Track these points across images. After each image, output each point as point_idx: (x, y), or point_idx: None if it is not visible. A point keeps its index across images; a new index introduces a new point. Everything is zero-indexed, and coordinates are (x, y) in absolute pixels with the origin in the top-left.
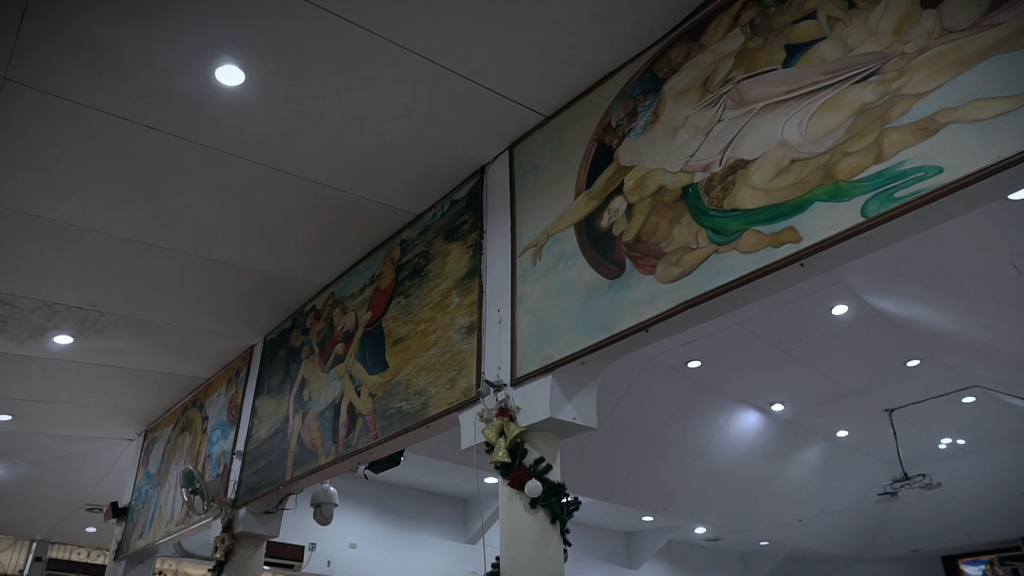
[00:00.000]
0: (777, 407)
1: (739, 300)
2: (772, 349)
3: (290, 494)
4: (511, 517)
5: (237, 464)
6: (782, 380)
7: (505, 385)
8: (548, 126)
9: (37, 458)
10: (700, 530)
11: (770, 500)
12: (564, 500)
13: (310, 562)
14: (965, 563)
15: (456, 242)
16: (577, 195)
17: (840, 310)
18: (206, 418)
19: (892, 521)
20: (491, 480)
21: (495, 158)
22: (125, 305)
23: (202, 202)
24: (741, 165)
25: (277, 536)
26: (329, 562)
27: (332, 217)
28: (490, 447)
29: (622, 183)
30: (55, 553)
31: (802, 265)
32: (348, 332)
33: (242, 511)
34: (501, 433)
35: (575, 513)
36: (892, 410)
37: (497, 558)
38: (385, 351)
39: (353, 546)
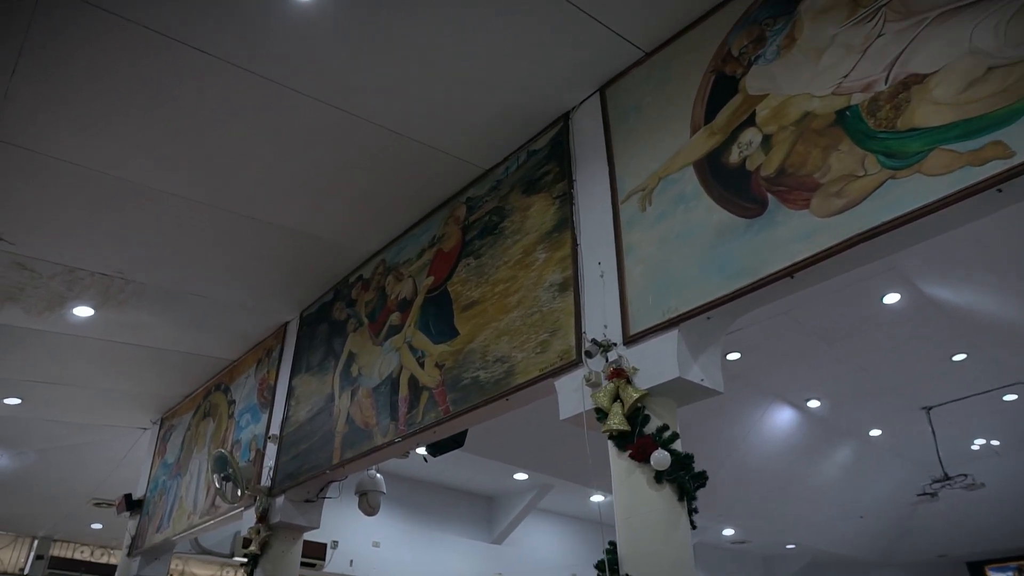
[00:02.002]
0: (813, 404)
1: (926, 231)
2: (815, 341)
3: (332, 481)
4: (631, 494)
5: (272, 449)
6: (821, 375)
7: (615, 345)
8: (648, 63)
9: (45, 447)
10: (728, 532)
11: (799, 501)
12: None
13: (332, 561)
14: (992, 569)
15: (538, 195)
16: (694, 132)
17: (892, 299)
18: (232, 402)
19: (919, 525)
20: (520, 476)
21: (582, 102)
22: (153, 272)
23: (250, 149)
24: (916, 80)
25: (318, 527)
26: (352, 561)
27: (391, 171)
28: (602, 414)
29: (753, 114)
30: (57, 551)
31: (999, 191)
32: (405, 300)
33: (279, 499)
34: (615, 398)
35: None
36: (930, 408)
37: (611, 543)
38: (453, 317)
39: (376, 544)
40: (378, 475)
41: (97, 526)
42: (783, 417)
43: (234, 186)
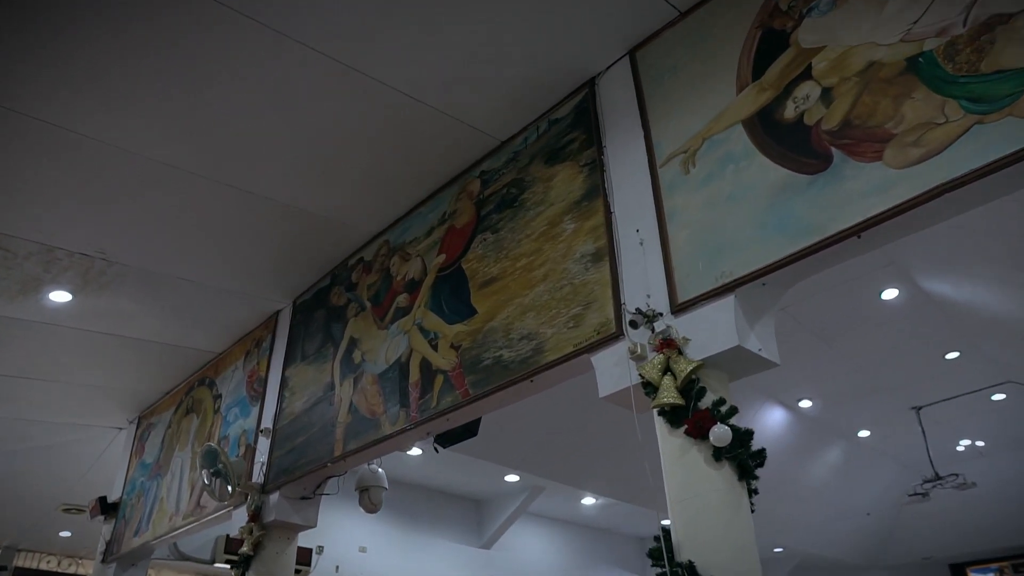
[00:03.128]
0: (805, 403)
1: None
2: (813, 339)
3: (331, 476)
4: (685, 474)
5: (264, 443)
6: (815, 374)
7: (661, 315)
8: (684, 23)
9: (11, 449)
10: None
11: (789, 503)
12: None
13: (318, 566)
14: (973, 571)
15: (562, 164)
16: (740, 90)
17: (890, 294)
18: (218, 396)
19: (905, 527)
20: (511, 478)
21: (608, 67)
22: (138, 253)
23: (252, 111)
24: (1000, 21)
25: (315, 526)
26: (338, 567)
27: (401, 141)
28: (650, 388)
29: (808, 67)
30: (22, 561)
31: None
32: (413, 281)
33: (273, 496)
34: (665, 370)
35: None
36: (920, 408)
37: (663, 529)
38: (470, 295)
39: (363, 550)
40: (379, 470)
41: (66, 534)
42: (774, 418)
43: (232, 155)
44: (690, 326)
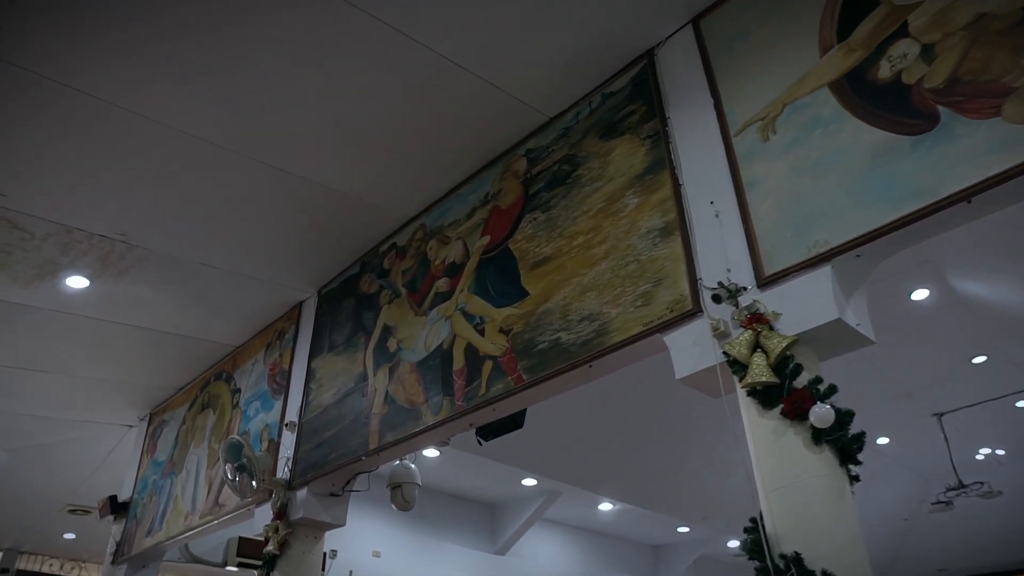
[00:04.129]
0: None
1: None
2: None
3: (361, 472)
4: (781, 459)
5: (289, 438)
6: (837, 378)
7: (745, 289)
8: None
9: (17, 446)
10: (734, 543)
11: None
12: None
13: (331, 571)
14: None
15: (620, 138)
16: (824, 52)
17: (920, 295)
18: (237, 390)
19: (917, 538)
20: (529, 482)
21: (668, 37)
22: (161, 236)
23: (290, 81)
24: None
25: (344, 524)
26: (351, 572)
27: (446, 115)
28: (738, 367)
29: (904, 24)
30: (24, 564)
31: None
32: (454, 264)
33: (300, 493)
34: (754, 347)
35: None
36: (942, 414)
37: (754, 520)
38: (520, 277)
39: (376, 554)
40: (412, 466)
41: (70, 536)
42: None
43: (266, 130)
44: (780, 300)
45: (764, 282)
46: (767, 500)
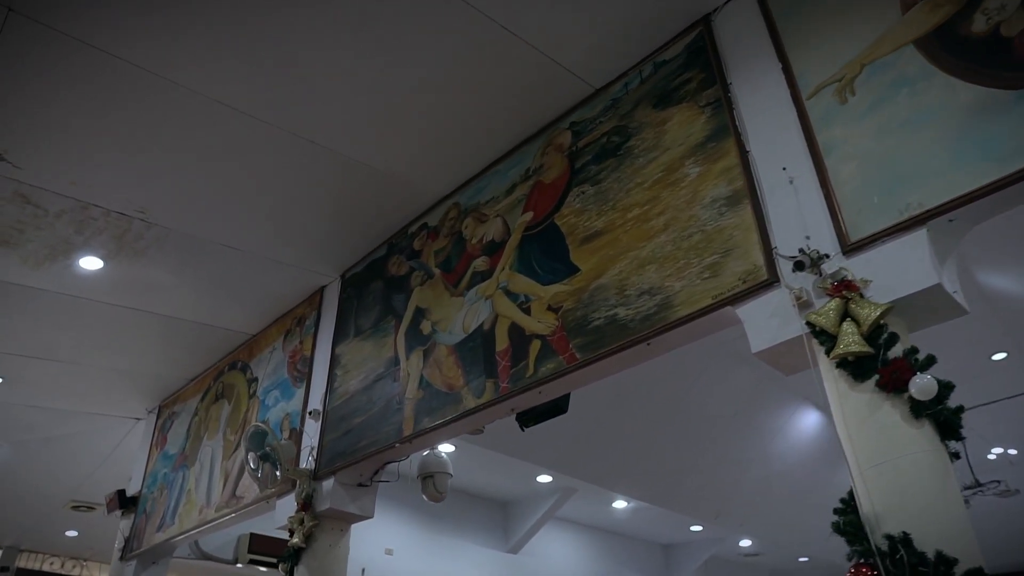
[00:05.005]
0: None
1: None
2: None
3: (390, 462)
4: (878, 434)
5: (313, 426)
6: None
7: (828, 256)
8: None
9: (21, 440)
10: (745, 543)
11: (818, 513)
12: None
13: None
14: None
15: (676, 107)
16: (907, 9)
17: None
18: (254, 380)
19: None
20: (544, 479)
21: (726, 2)
22: (182, 214)
23: (326, 50)
24: None
25: (372, 516)
26: (364, 569)
27: (483, 88)
28: (825, 337)
29: None
30: (24, 562)
31: None
32: (493, 242)
33: (327, 483)
34: (843, 316)
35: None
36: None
37: (846, 500)
38: (568, 252)
39: (389, 552)
40: (443, 455)
41: (72, 533)
42: (808, 421)
43: (297, 97)
44: (869, 266)
45: (850, 248)
46: (863, 478)
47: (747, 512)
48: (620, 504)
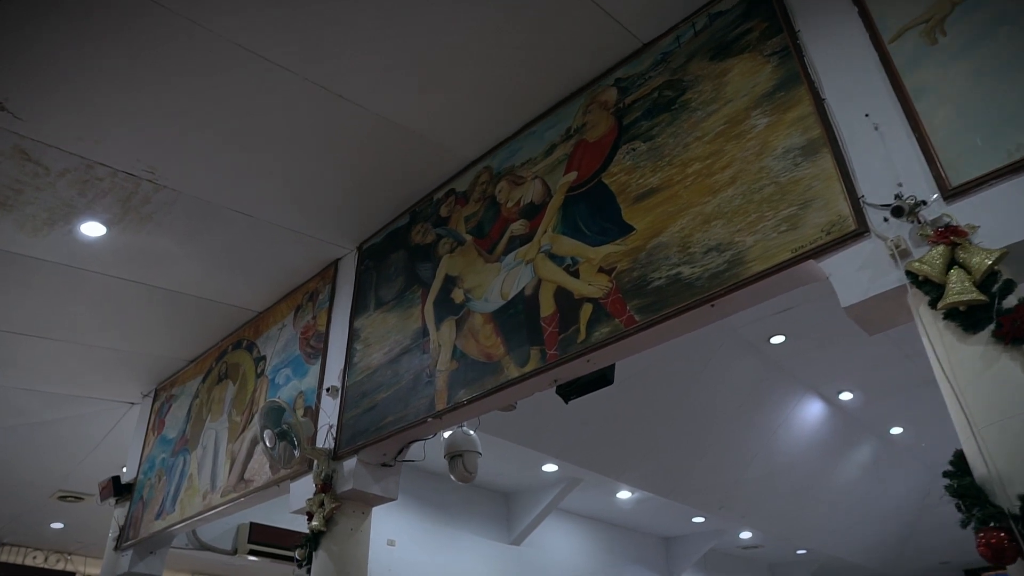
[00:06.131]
0: (846, 396)
1: None
2: None
3: (415, 440)
4: (996, 390)
5: (330, 404)
6: (861, 363)
7: (924, 203)
8: None
9: (10, 425)
10: (746, 535)
11: (817, 505)
12: None
13: None
14: None
15: (737, 57)
16: None
17: None
18: (261, 358)
19: (922, 532)
20: (549, 468)
21: None
22: (193, 174)
23: None
24: None
25: (396, 498)
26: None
27: (526, 42)
28: (931, 286)
29: None
30: (5, 556)
31: None
32: (532, 205)
33: (349, 463)
34: (950, 264)
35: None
36: None
37: (958, 460)
38: (620, 212)
39: (391, 543)
40: (472, 432)
41: (58, 526)
42: (812, 412)
43: (329, 48)
44: (974, 212)
45: (951, 193)
46: (979, 436)
47: (750, 504)
48: (624, 495)
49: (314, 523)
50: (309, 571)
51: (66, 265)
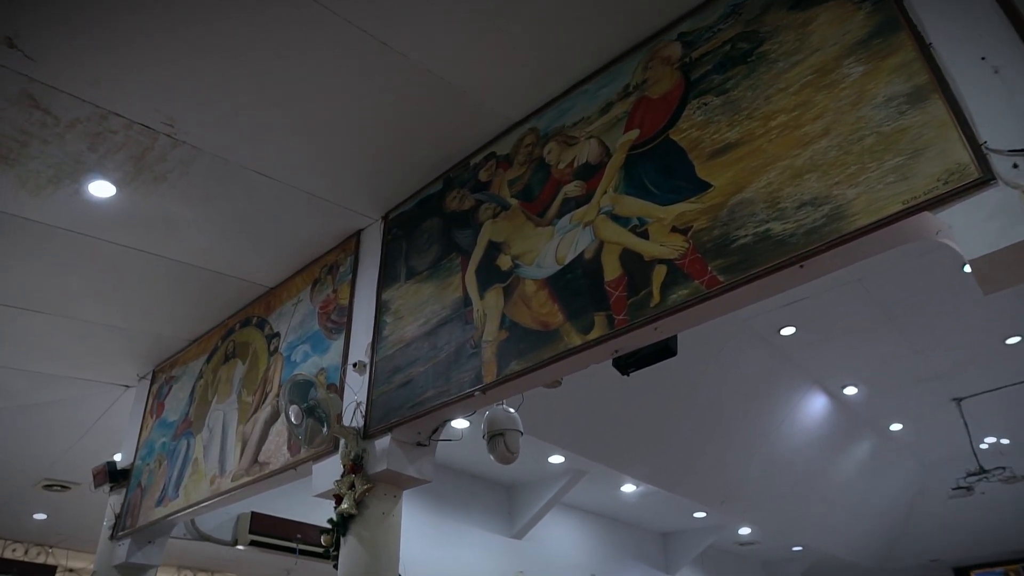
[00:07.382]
0: (850, 390)
1: None
2: (877, 315)
3: (450, 420)
4: None
5: (357, 380)
6: (868, 357)
7: None
8: None
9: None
10: (744, 531)
11: (815, 501)
12: None
13: None
14: (978, 574)
15: (821, 6)
16: None
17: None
18: (275, 335)
19: (912, 529)
20: (556, 459)
21: None
22: (215, 129)
23: None
24: None
25: (431, 479)
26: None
27: None
28: None
29: None
30: None
31: None
32: (588, 165)
33: (381, 442)
34: None
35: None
36: (961, 399)
37: None
38: (694, 168)
39: None
40: (512, 410)
41: (40, 516)
42: (815, 406)
43: None
44: None
45: None
46: None
47: (751, 499)
48: (629, 488)
49: (344, 506)
50: (336, 559)
51: (66, 230)
